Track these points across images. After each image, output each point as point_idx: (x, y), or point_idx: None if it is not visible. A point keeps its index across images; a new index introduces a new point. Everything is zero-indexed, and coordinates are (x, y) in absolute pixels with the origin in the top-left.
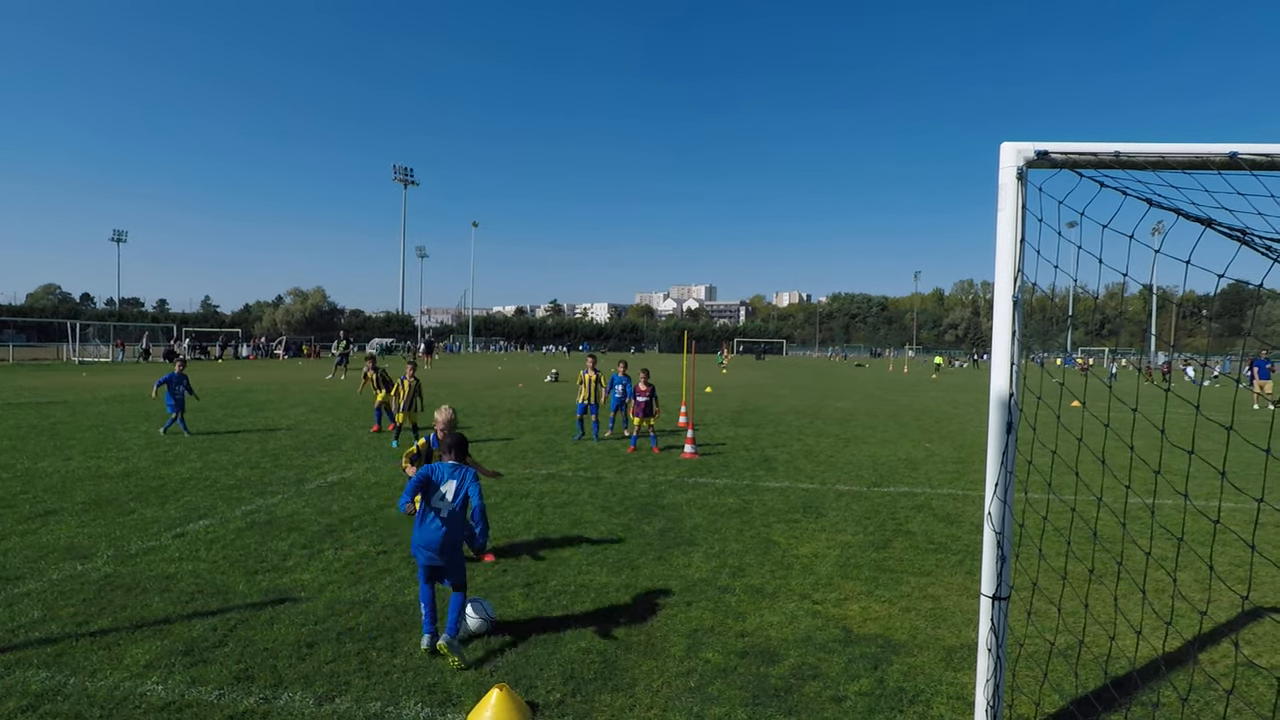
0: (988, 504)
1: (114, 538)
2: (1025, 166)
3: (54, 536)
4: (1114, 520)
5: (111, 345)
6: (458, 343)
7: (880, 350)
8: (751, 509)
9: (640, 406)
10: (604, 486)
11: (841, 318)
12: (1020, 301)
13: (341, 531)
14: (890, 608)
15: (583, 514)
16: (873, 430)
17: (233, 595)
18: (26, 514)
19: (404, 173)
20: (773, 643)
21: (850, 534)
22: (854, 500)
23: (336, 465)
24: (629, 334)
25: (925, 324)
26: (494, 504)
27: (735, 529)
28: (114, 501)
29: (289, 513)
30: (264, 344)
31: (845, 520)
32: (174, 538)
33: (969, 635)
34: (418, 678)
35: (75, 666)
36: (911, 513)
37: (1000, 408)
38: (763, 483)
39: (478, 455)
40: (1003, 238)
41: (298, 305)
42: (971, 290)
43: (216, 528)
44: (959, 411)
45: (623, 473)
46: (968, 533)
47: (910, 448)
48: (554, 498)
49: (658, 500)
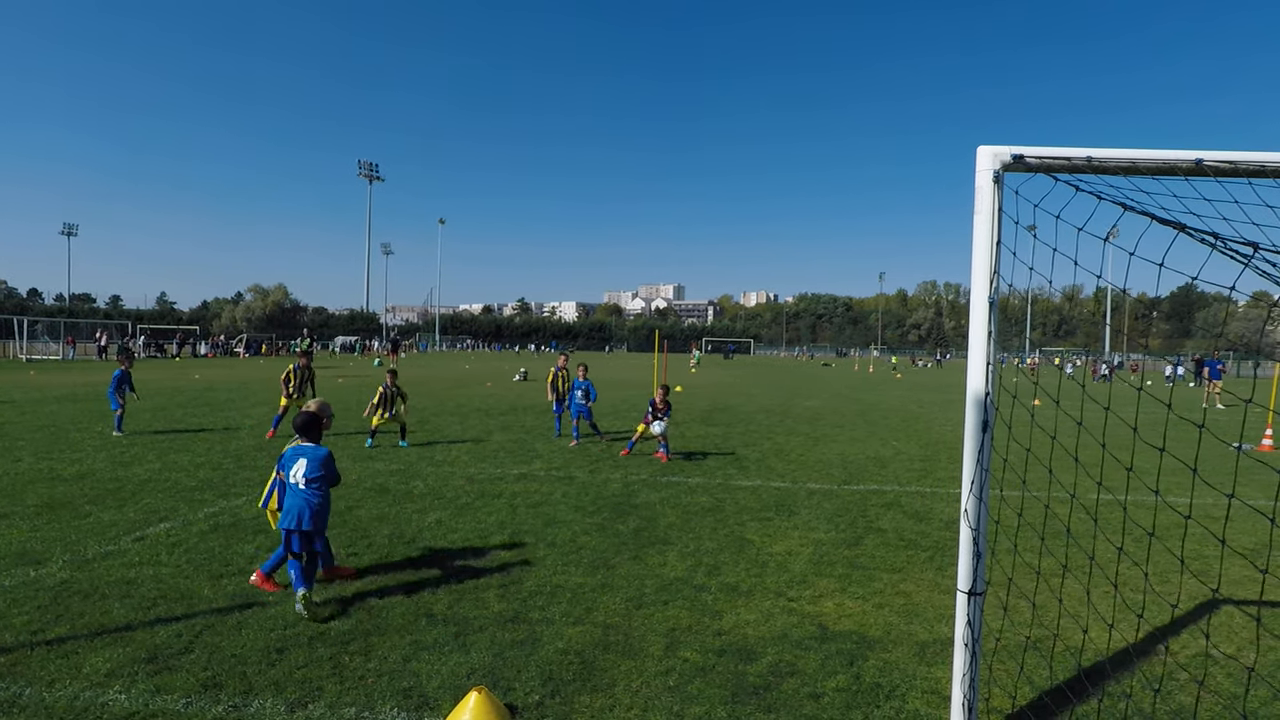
0: (964, 501)
1: (69, 542)
2: (1001, 170)
3: (4, 541)
4: (1085, 515)
5: (62, 343)
6: (425, 341)
7: (846, 350)
8: (725, 508)
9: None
10: (577, 486)
11: (808, 318)
12: (996, 302)
13: None
14: (864, 604)
15: (556, 514)
16: (841, 429)
17: (197, 600)
18: None
19: (369, 168)
20: (750, 641)
21: (823, 532)
22: (825, 498)
23: None
24: (597, 333)
25: (889, 324)
26: (466, 504)
27: (709, 528)
28: (68, 504)
29: (253, 515)
30: (223, 342)
31: (817, 518)
32: (133, 541)
33: (941, 630)
34: (393, 682)
35: (31, 676)
36: (881, 510)
37: (976, 407)
38: (735, 481)
39: (446, 454)
40: (979, 239)
41: (258, 302)
42: (934, 291)
43: (179, 531)
44: (924, 410)
45: (595, 472)
46: (937, 529)
47: (878, 446)
48: (526, 498)
49: (631, 500)
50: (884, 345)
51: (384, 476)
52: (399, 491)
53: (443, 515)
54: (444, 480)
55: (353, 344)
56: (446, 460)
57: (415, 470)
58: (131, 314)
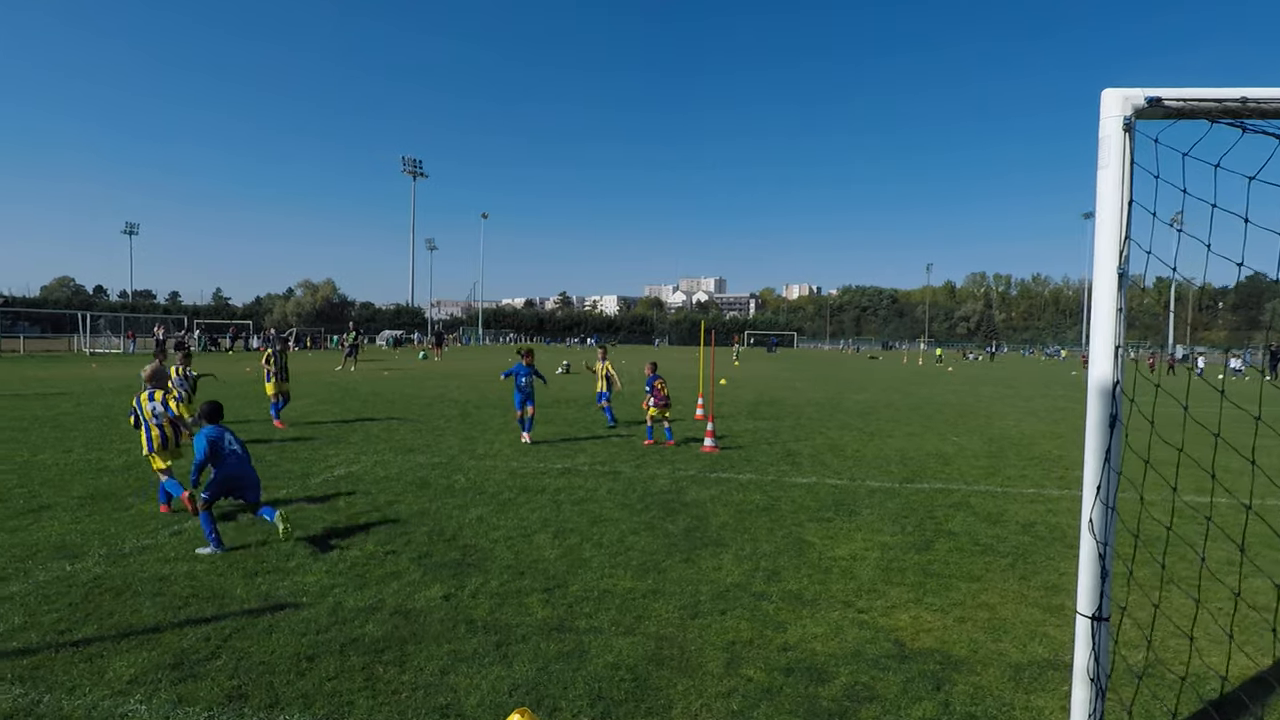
0: (1087, 509)
1: (108, 535)
2: (1134, 116)
3: (45, 533)
4: (1188, 519)
5: (123, 336)
6: (468, 335)
7: (892, 343)
8: (780, 506)
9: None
10: (622, 482)
11: (852, 310)
12: (1128, 275)
13: (347, 529)
14: (943, 618)
15: (602, 511)
16: (896, 423)
17: (229, 600)
18: (20, 509)
19: (413, 165)
20: (819, 658)
21: (888, 534)
22: (887, 497)
23: (343, 459)
24: (639, 326)
25: (936, 317)
26: (508, 500)
27: (765, 528)
28: (111, 496)
29: (293, 509)
30: (273, 336)
31: (881, 519)
32: (171, 535)
33: (1036, 650)
34: (429, 697)
35: (53, 681)
36: (950, 511)
37: (1102, 397)
38: (789, 478)
39: (489, 448)
40: (1106, 200)
41: (308, 297)
42: (983, 283)
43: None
44: (982, 404)
45: (641, 467)
46: (1014, 533)
47: (938, 441)
48: (570, 493)
49: (680, 496)
50: (931, 338)
51: (425, 470)
52: (440, 486)
53: (484, 511)
54: (486, 475)
55: (400, 338)
56: (489, 454)
57: (457, 464)
58: (189, 309)
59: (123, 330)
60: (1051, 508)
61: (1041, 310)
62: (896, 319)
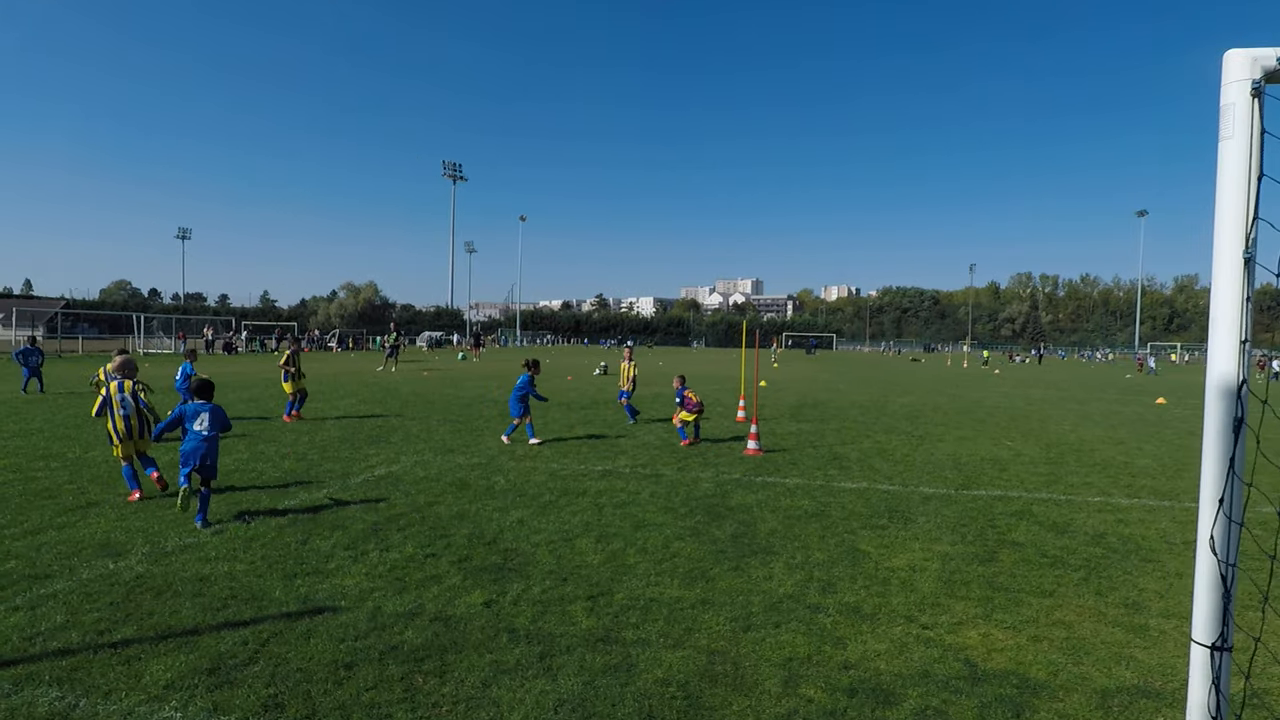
0: (1206, 524)
1: (151, 533)
2: (1263, 80)
3: (91, 531)
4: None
5: (174, 337)
6: (506, 336)
7: (934, 345)
8: (830, 512)
9: (693, 405)
10: (665, 485)
11: (892, 312)
12: (1254, 259)
13: (387, 530)
14: (1016, 636)
15: (645, 515)
16: (946, 427)
17: (268, 603)
18: (68, 505)
19: (453, 168)
20: (884, 678)
21: (948, 543)
22: (943, 504)
23: (384, 458)
24: (675, 328)
25: (980, 318)
26: (549, 502)
27: (816, 535)
28: (156, 494)
29: (333, 510)
30: (318, 337)
31: (938, 527)
32: (212, 534)
33: (1122, 675)
34: (470, 711)
35: (90, 684)
36: (1012, 520)
37: (1224, 398)
38: (837, 483)
39: (528, 449)
40: (1229, 175)
41: (351, 299)
42: (1029, 283)
43: (258, 524)
44: (1034, 408)
45: (683, 469)
46: (1083, 544)
47: (990, 446)
48: (612, 496)
49: (725, 501)
50: (974, 340)
51: (465, 470)
52: (480, 487)
53: (525, 514)
54: (526, 476)
55: (439, 339)
56: (528, 455)
57: (497, 465)
58: (237, 311)
59: (174, 331)
60: (1121, 518)
61: (1090, 312)
62: (938, 320)
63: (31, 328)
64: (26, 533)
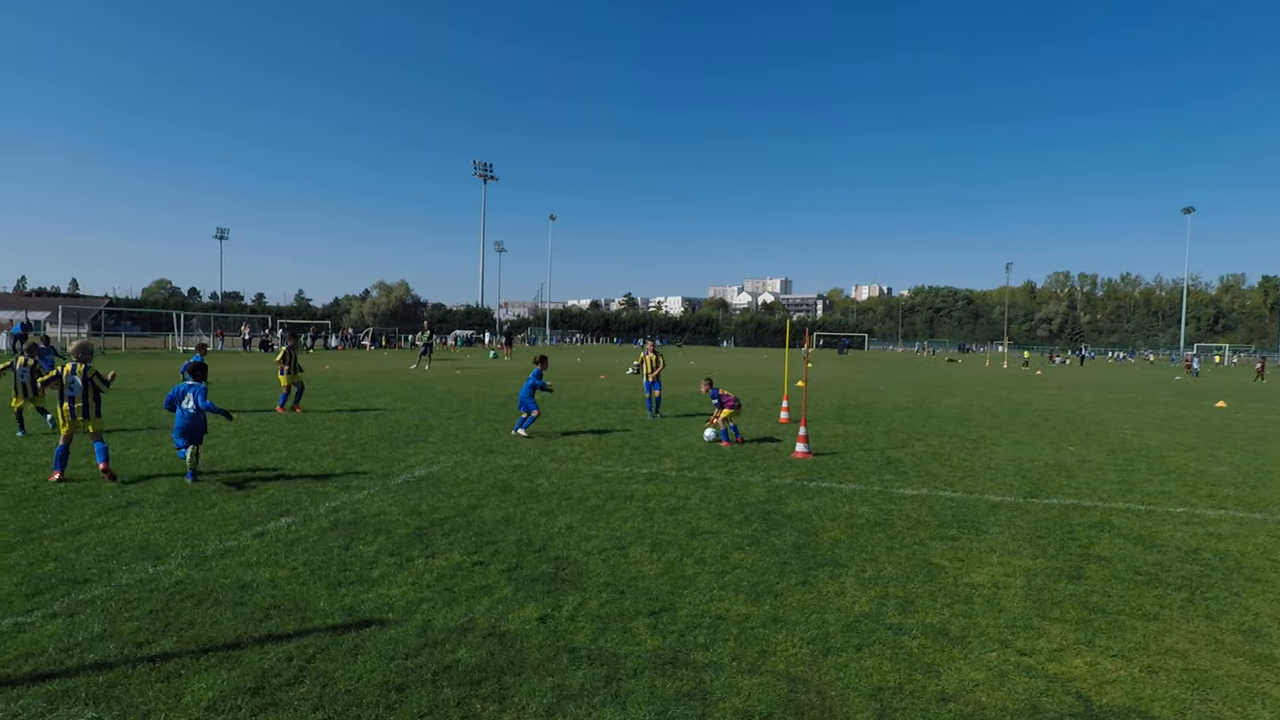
0: None
1: (191, 535)
2: None
3: (131, 532)
4: None
5: (212, 335)
6: (535, 335)
7: (969, 345)
8: (894, 521)
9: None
10: (715, 489)
11: (924, 311)
12: None
13: (432, 535)
14: (1127, 666)
15: (698, 522)
16: (999, 430)
17: (312, 614)
18: (109, 504)
19: (484, 168)
20: (989, 713)
21: (1028, 557)
22: (1013, 513)
23: (424, 458)
24: (704, 327)
25: (1015, 318)
26: (596, 506)
27: (884, 546)
28: (196, 493)
29: (375, 511)
30: (351, 335)
31: (1014, 539)
32: (254, 537)
33: (1259, 715)
34: None
35: (128, 703)
36: (1092, 532)
37: None
38: (896, 489)
39: (569, 450)
40: None
41: (383, 298)
42: (1067, 282)
43: (299, 527)
44: (1089, 411)
45: (732, 473)
46: (1178, 561)
47: (1052, 451)
48: (661, 501)
49: (780, 507)
50: (1010, 340)
51: (506, 472)
52: (523, 490)
53: (573, 519)
54: (569, 478)
55: (470, 338)
56: (570, 456)
57: (538, 466)
58: (273, 310)
59: (212, 329)
60: (1212, 530)
61: (1130, 312)
62: (971, 321)
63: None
64: (66, 533)
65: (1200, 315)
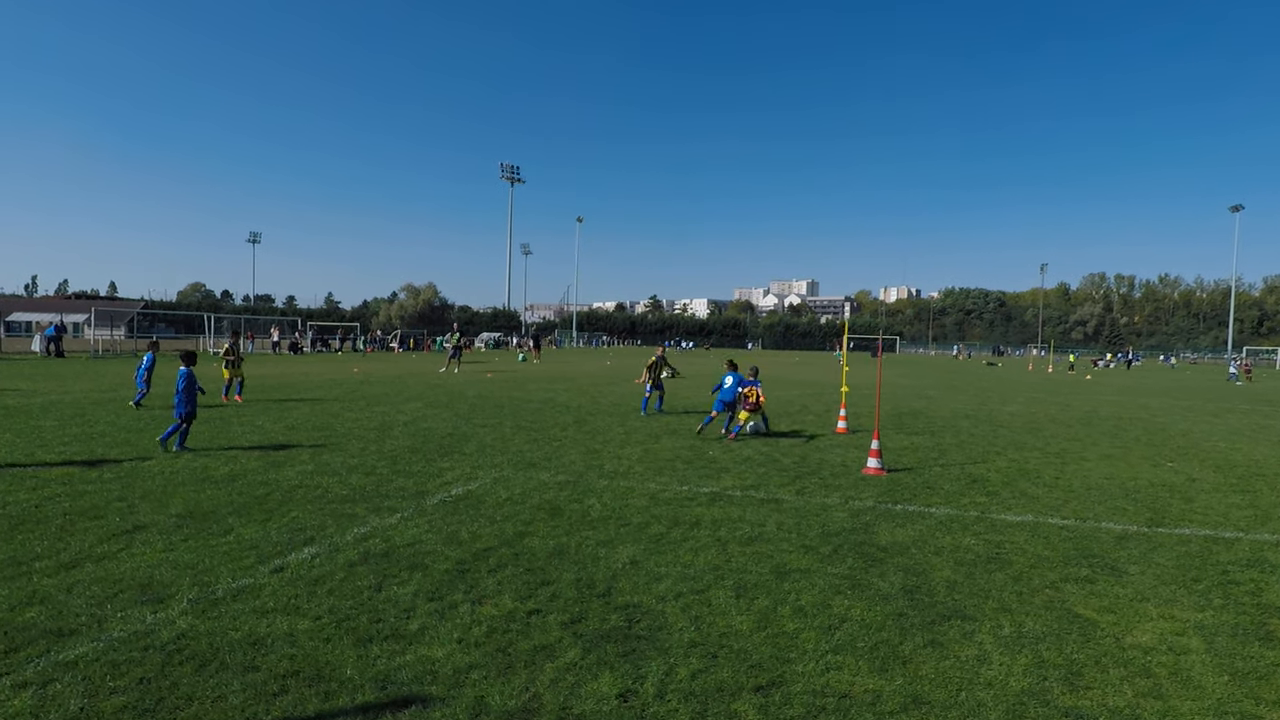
0: None
1: (201, 570)
2: None
3: (134, 564)
4: None
5: (242, 337)
6: (562, 338)
7: (1003, 348)
8: (1010, 557)
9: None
10: (790, 514)
11: (954, 314)
12: None
13: (476, 572)
14: None
15: (782, 557)
16: (1079, 443)
17: (338, 683)
18: (113, 529)
19: (511, 171)
20: None
21: (1191, 607)
22: (1144, 547)
23: (460, 474)
24: (731, 329)
25: (1049, 320)
26: (659, 535)
27: (1011, 592)
28: (212, 514)
29: (410, 540)
30: (380, 337)
31: (1160, 581)
32: (271, 573)
33: None
34: None
35: None
36: (1251, 572)
37: None
38: (995, 514)
39: (616, 464)
40: None
41: (411, 300)
42: (1102, 284)
43: (324, 560)
44: (1162, 419)
45: (803, 493)
46: None
47: (1149, 468)
48: (732, 529)
49: (871, 537)
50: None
51: (552, 490)
52: (574, 513)
53: (635, 551)
54: (622, 498)
55: (498, 340)
56: (618, 471)
57: (585, 482)
58: (303, 312)
59: (242, 331)
60: None
61: (1170, 314)
62: (1003, 323)
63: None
64: (60, 566)
65: (1244, 317)
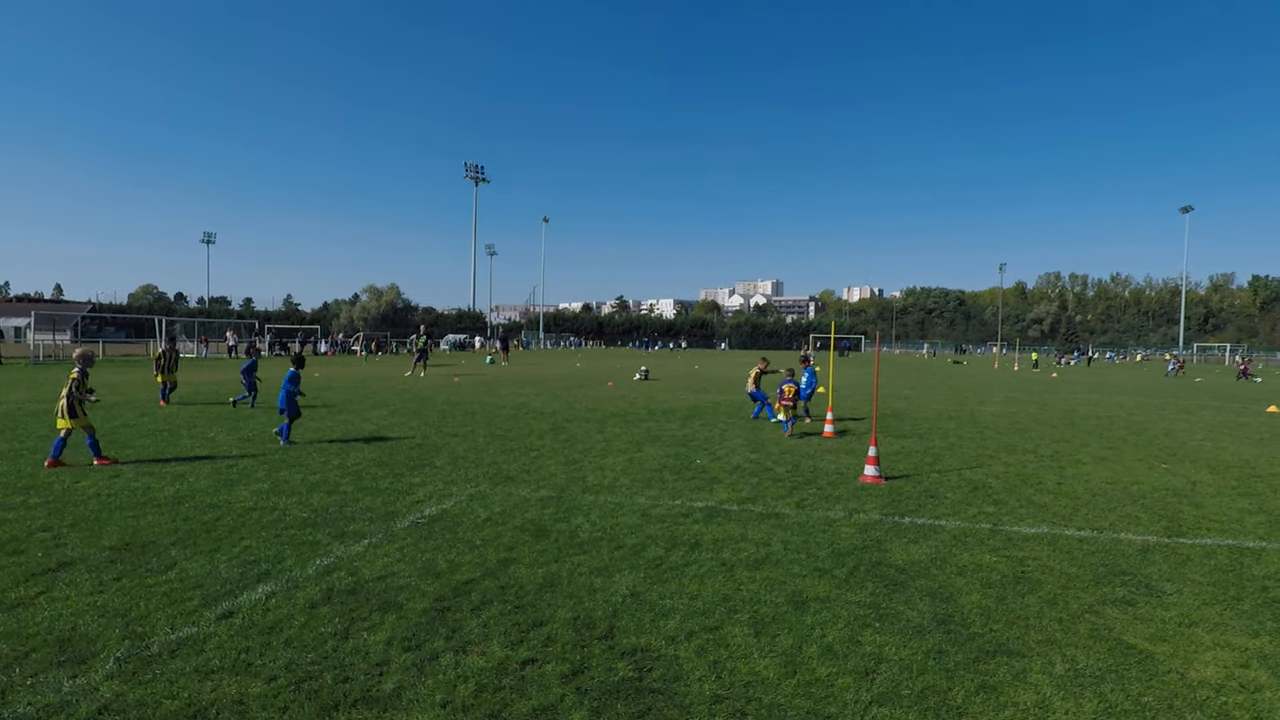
0: None
1: (134, 618)
2: None
3: (53, 612)
4: None
5: (196, 341)
6: (529, 339)
7: (965, 346)
8: (1037, 576)
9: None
10: (794, 530)
11: (916, 313)
12: None
13: (458, 611)
14: None
15: (796, 583)
16: (1068, 444)
17: None
18: (34, 568)
19: (475, 170)
20: None
21: (1244, 632)
22: (1172, 561)
23: (432, 490)
24: (699, 330)
25: (1007, 319)
26: (658, 560)
27: (1050, 617)
28: (152, 545)
29: (379, 571)
30: (341, 340)
31: (1202, 601)
32: (218, 620)
33: None
34: None
35: None
36: None
37: None
38: (1009, 526)
39: (599, 476)
40: None
41: (373, 302)
42: (1058, 283)
43: (280, 601)
44: (1140, 417)
45: (803, 506)
46: None
47: (1146, 471)
48: (735, 549)
49: (885, 556)
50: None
51: (534, 508)
52: (561, 535)
53: (634, 579)
54: (611, 516)
55: (462, 342)
56: (603, 484)
57: (569, 498)
58: (261, 314)
59: (196, 335)
60: None
61: (1121, 311)
62: (964, 322)
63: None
64: None
65: (1191, 314)
